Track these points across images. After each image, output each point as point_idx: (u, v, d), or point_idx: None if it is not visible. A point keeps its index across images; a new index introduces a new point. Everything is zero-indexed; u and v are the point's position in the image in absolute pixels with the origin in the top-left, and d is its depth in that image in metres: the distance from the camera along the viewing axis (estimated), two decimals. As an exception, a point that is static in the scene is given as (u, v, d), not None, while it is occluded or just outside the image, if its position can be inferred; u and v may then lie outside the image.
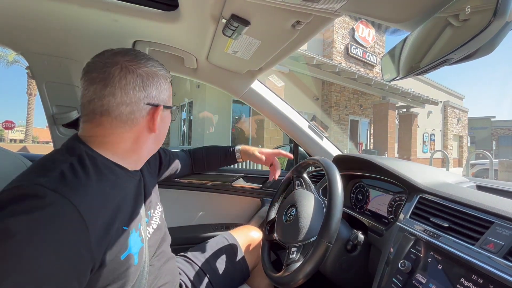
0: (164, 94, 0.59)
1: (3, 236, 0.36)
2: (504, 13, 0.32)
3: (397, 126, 10.83)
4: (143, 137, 0.57)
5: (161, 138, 0.64)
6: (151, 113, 0.56)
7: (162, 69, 0.59)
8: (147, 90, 0.55)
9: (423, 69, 0.48)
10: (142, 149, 0.59)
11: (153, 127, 0.57)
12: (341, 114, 10.05)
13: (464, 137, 15.56)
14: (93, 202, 0.45)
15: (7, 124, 16.82)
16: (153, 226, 0.66)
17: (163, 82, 0.59)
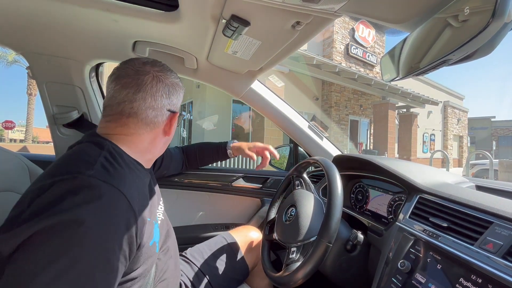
0: (179, 102, 0.67)
1: (74, 224, 0.40)
2: (502, 14, 0.33)
3: (397, 126, 10.83)
4: (158, 139, 0.63)
5: (169, 141, 0.69)
6: (170, 119, 0.63)
7: (180, 81, 0.67)
8: (171, 98, 0.62)
9: (422, 70, 0.48)
10: (156, 150, 0.65)
11: (169, 131, 0.64)
12: (341, 114, 10.05)
13: (464, 137, 15.56)
14: (133, 191, 0.50)
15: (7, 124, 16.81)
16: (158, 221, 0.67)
17: (181, 92, 0.67)
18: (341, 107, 10.02)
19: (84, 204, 0.41)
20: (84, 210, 0.41)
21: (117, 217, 0.44)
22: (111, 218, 0.43)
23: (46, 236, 0.38)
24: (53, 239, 0.38)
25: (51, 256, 0.38)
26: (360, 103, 10.76)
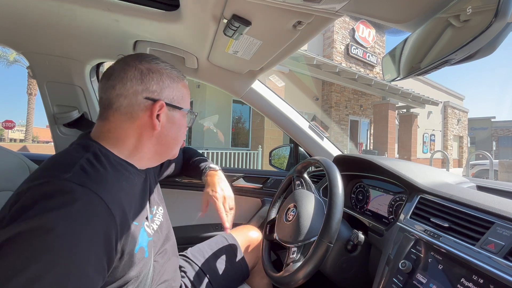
0: (169, 92, 0.60)
1: (42, 232, 0.38)
2: (505, 14, 0.33)
3: (397, 127, 10.83)
4: (146, 135, 0.59)
5: (169, 141, 0.63)
6: (152, 109, 0.57)
7: (170, 69, 0.62)
8: (145, 84, 0.57)
9: (424, 70, 0.48)
10: (145, 147, 0.60)
11: (153, 122, 0.57)
12: (341, 114, 10.04)
13: (464, 137, 15.56)
14: (115, 195, 0.48)
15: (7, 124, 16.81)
16: (156, 223, 0.68)
17: (169, 80, 0.61)
18: (341, 107, 10.01)
19: (55, 209, 0.39)
20: (54, 216, 0.39)
21: (93, 224, 0.42)
22: (85, 224, 0.41)
23: (15, 243, 0.37)
24: (23, 246, 0.37)
25: (20, 264, 0.36)
26: (360, 103, 10.75)
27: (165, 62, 0.62)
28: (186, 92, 0.66)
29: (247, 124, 9.11)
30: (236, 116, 9.04)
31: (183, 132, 0.67)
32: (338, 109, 9.92)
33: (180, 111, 0.63)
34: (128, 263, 0.50)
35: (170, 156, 0.67)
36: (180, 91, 0.64)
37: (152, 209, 0.68)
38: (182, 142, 0.69)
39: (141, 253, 0.54)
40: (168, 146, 0.64)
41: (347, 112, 10.25)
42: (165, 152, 0.65)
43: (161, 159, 0.66)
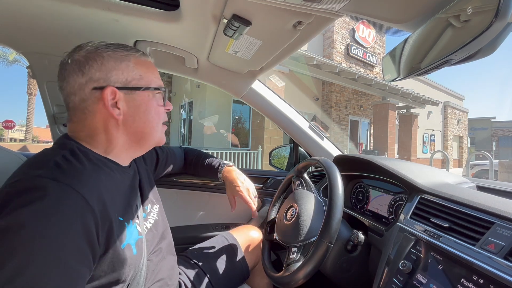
0: (118, 75, 0.56)
1: (15, 228, 0.38)
2: (505, 14, 0.32)
3: (397, 127, 10.83)
4: (111, 127, 0.56)
5: (140, 126, 0.59)
6: (102, 98, 0.54)
7: (114, 49, 0.57)
8: (86, 74, 0.54)
9: (424, 70, 0.48)
10: (116, 140, 0.57)
11: (110, 112, 0.54)
12: (341, 115, 10.04)
13: (464, 137, 15.56)
14: (93, 187, 0.47)
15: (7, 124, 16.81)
16: (150, 222, 0.67)
17: (113, 62, 0.55)
18: (341, 107, 10.01)
19: (27, 206, 0.39)
20: (26, 212, 0.39)
21: (67, 216, 0.42)
22: (59, 217, 0.41)
23: None
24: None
25: None
26: (360, 104, 10.75)
27: (106, 43, 0.57)
28: (144, 69, 0.60)
29: (247, 124, 9.11)
30: (236, 116, 9.04)
31: (157, 113, 0.62)
32: (338, 109, 9.92)
33: (140, 92, 0.58)
34: (114, 259, 0.49)
35: (152, 143, 0.64)
36: (134, 69, 0.58)
37: (145, 208, 0.68)
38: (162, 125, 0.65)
39: (128, 250, 0.52)
40: (141, 132, 0.60)
41: (347, 112, 10.25)
42: (141, 139, 0.61)
43: (141, 148, 0.63)
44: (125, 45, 0.60)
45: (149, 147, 0.65)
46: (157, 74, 0.64)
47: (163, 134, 0.66)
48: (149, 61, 0.63)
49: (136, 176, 0.67)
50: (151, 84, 0.60)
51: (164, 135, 0.67)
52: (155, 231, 0.68)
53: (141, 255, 0.57)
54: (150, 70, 0.62)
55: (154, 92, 0.61)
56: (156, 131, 0.62)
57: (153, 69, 0.63)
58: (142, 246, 0.58)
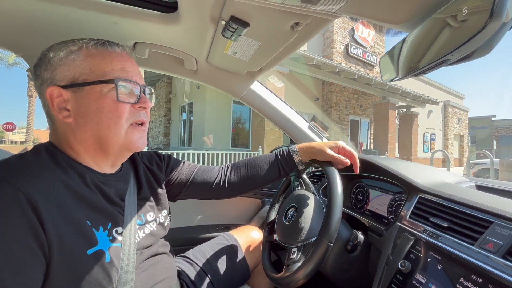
0: (64, 72, 0.51)
1: None
2: (500, 14, 0.33)
3: (397, 126, 10.82)
4: (68, 132, 0.53)
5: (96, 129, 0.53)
6: (48, 95, 0.51)
7: (65, 44, 0.53)
8: (40, 76, 0.52)
9: (421, 70, 0.48)
10: (77, 146, 0.54)
11: (57, 115, 0.51)
12: (341, 114, 10.05)
13: (464, 136, 15.55)
14: (44, 184, 0.46)
15: (8, 126, 16.84)
16: (145, 231, 0.64)
17: (60, 58, 0.51)
18: (341, 107, 10.02)
19: None
20: None
21: (5, 212, 0.41)
22: None
23: None
24: None
25: None
26: (360, 103, 10.76)
27: (64, 41, 0.54)
28: (97, 60, 0.52)
29: (247, 124, 9.12)
30: (236, 117, 9.06)
31: (115, 111, 0.53)
32: (338, 109, 9.93)
33: (89, 87, 0.51)
34: (80, 265, 0.47)
35: (118, 148, 0.57)
36: (84, 63, 0.51)
37: (141, 216, 0.65)
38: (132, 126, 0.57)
39: (97, 257, 0.49)
40: (97, 136, 0.54)
41: (347, 112, 10.26)
42: (102, 144, 0.55)
43: (108, 154, 0.57)
44: (81, 39, 0.54)
45: (117, 153, 0.58)
46: (118, 64, 0.55)
47: (134, 137, 0.58)
48: (109, 50, 0.55)
49: (125, 185, 0.64)
50: (104, 77, 0.52)
51: (138, 139, 0.58)
52: (150, 240, 0.65)
53: (119, 263, 0.53)
54: (106, 60, 0.53)
55: (109, 86, 0.52)
56: (115, 133, 0.54)
57: (111, 59, 0.54)
58: (119, 254, 0.54)
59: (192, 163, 0.89)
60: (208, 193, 0.85)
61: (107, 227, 0.54)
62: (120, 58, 0.56)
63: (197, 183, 0.83)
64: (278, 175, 0.84)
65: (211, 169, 0.88)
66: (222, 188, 0.84)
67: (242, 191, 0.86)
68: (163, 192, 0.75)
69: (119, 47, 0.57)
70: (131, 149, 0.59)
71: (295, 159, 0.82)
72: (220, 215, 1.32)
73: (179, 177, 0.82)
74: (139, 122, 0.59)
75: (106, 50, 0.55)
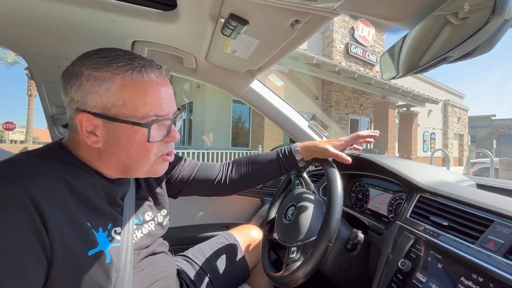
0: (96, 99, 0.49)
1: None
2: (502, 10, 0.32)
3: (397, 125, 10.82)
4: (92, 150, 0.53)
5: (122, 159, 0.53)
6: (79, 119, 0.50)
7: (101, 65, 0.49)
8: (69, 92, 0.50)
9: (422, 67, 0.48)
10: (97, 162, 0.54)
11: (84, 135, 0.50)
12: (341, 114, 10.05)
13: (464, 136, 15.55)
14: (48, 185, 0.46)
15: (7, 125, 16.85)
16: (143, 231, 0.64)
17: (92, 82, 0.49)
18: (341, 106, 10.01)
19: None
20: None
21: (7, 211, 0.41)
22: None
23: None
24: None
25: None
26: (360, 102, 10.75)
27: (100, 55, 0.50)
28: (131, 92, 0.50)
29: (247, 124, 9.12)
30: (236, 116, 9.05)
31: (145, 149, 0.53)
32: (338, 108, 9.92)
33: (119, 123, 0.50)
34: (82, 266, 0.47)
35: (141, 175, 0.58)
36: (117, 93, 0.49)
37: (139, 215, 0.65)
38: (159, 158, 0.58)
39: (98, 257, 0.49)
40: (123, 164, 0.55)
41: (347, 111, 10.26)
42: (127, 171, 0.56)
43: (128, 176, 0.59)
44: (119, 58, 0.51)
45: (140, 176, 0.59)
46: (153, 98, 0.52)
47: (160, 168, 0.59)
48: (145, 80, 0.51)
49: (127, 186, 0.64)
50: (135, 112, 0.50)
51: (163, 168, 0.60)
52: (148, 240, 0.65)
53: (118, 263, 0.54)
54: (140, 93, 0.50)
55: (138, 126, 0.50)
56: (142, 165, 0.56)
57: (146, 90, 0.51)
58: (119, 254, 0.54)
59: (194, 160, 0.89)
60: (209, 190, 0.85)
61: (107, 227, 0.54)
62: (155, 89, 0.52)
63: (199, 180, 0.83)
64: (279, 173, 0.84)
65: (212, 166, 0.87)
66: (224, 185, 0.84)
67: (243, 188, 0.87)
68: (162, 192, 0.75)
69: (155, 73, 0.53)
70: (153, 176, 0.61)
71: (297, 158, 0.82)
72: (219, 214, 1.32)
73: (180, 175, 0.82)
74: (165, 154, 0.59)
75: (143, 79, 0.51)
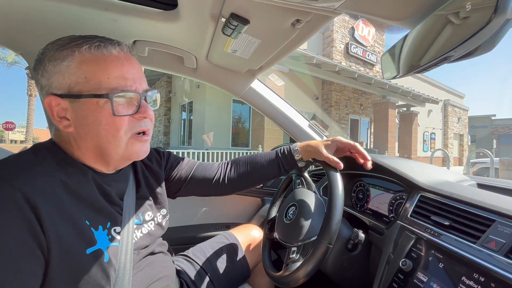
0: (59, 80, 0.49)
1: None
2: (504, 10, 0.32)
3: (397, 125, 10.82)
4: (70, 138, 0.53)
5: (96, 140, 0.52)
6: (46, 104, 0.50)
7: (59, 47, 0.50)
8: (38, 82, 0.52)
9: (423, 67, 0.48)
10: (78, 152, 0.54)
11: (56, 119, 0.51)
12: (342, 113, 10.04)
13: (464, 135, 15.55)
14: (42, 183, 0.46)
15: (7, 125, 16.85)
16: (142, 231, 0.64)
17: (54, 64, 0.48)
18: (341, 106, 10.01)
19: None
20: None
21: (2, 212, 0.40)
22: None
23: None
24: None
25: None
26: (360, 102, 10.75)
27: (62, 37, 0.52)
28: (92, 68, 0.49)
29: (247, 123, 9.11)
30: (236, 116, 9.05)
31: (112, 124, 0.51)
32: (338, 108, 9.92)
33: (84, 100, 0.49)
34: (80, 264, 0.47)
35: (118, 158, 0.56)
36: (78, 70, 0.49)
37: (139, 215, 0.65)
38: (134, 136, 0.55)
39: (96, 256, 0.49)
40: (97, 147, 0.53)
41: (347, 111, 10.25)
42: (102, 155, 0.54)
43: (109, 163, 0.57)
44: (79, 38, 0.51)
45: (117, 162, 0.57)
46: (115, 71, 0.51)
47: (135, 149, 0.57)
48: (105, 54, 0.51)
49: (125, 184, 0.64)
50: (99, 87, 0.49)
51: (140, 149, 0.57)
52: (148, 240, 0.65)
53: (117, 263, 0.53)
54: (101, 67, 0.50)
55: (104, 100, 0.49)
56: (115, 145, 0.53)
57: (107, 64, 0.50)
58: (117, 254, 0.54)
59: (192, 159, 0.89)
60: (208, 190, 0.84)
61: (107, 226, 0.54)
62: (117, 63, 0.52)
63: (197, 180, 0.83)
64: (278, 173, 0.84)
65: (210, 165, 0.87)
66: (222, 184, 0.83)
67: (242, 187, 0.86)
68: (162, 191, 0.75)
69: (115, 48, 0.53)
70: (132, 159, 0.60)
71: (296, 158, 0.82)
72: (220, 214, 1.32)
73: (179, 174, 0.82)
74: (140, 131, 0.57)
75: (102, 54, 0.50)
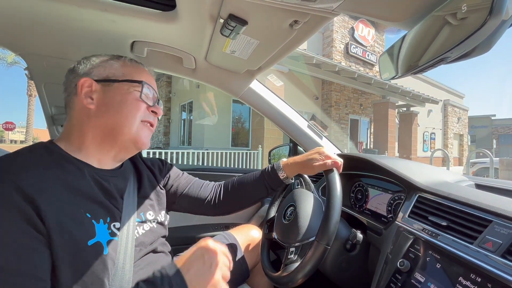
0: (101, 71, 0.61)
1: None
2: (499, 11, 0.32)
3: (397, 125, 10.82)
4: (85, 119, 0.59)
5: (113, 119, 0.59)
6: (80, 83, 0.59)
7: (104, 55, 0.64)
8: (75, 70, 0.61)
9: (421, 68, 0.48)
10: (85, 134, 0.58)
11: (82, 101, 0.58)
12: (341, 113, 10.04)
13: (464, 135, 15.55)
14: (39, 179, 0.47)
15: (7, 125, 16.85)
16: (144, 228, 0.65)
17: (101, 60, 0.62)
18: (341, 106, 10.01)
19: None
20: None
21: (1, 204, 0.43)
22: None
23: None
24: None
25: None
26: (360, 102, 10.75)
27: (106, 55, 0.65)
28: (129, 69, 0.63)
29: (247, 124, 9.12)
30: (236, 116, 9.05)
31: (135, 106, 0.61)
32: (338, 108, 9.92)
33: (117, 84, 0.60)
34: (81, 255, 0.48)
35: (127, 138, 0.60)
36: (119, 69, 0.63)
37: (141, 214, 0.66)
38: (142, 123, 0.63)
39: (96, 248, 0.51)
40: (112, 123, 0.59)
41: (347, 111, 10.25)
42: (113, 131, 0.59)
43: (114, 142, 0.60)
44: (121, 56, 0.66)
45: (123, 144, 0.62)
46: (146, 78, 0.65)
47: (143, 134, 0.63)
48: (141, 67, 0.67)
49: (127, 181, 0.65)
50: (133, 78, 0.62)
51: (145, 137, 0.64)
52: (149, 238, 0.66)
53: (116, 257, 0.55)
54: (137, 71, 0.65)
55: (135, 87, 0.62)
56: (131, 124, 0.60)
57: (140, 71, 0.66)
58: (117, 248, 0.55)
59: (190, 175, 0.89)
60: (199, 209, 0.86)
61: (107, 220, 0.56)
62: (148, 75, 0.67)
63: (191, 197, 0.84)
64: (266, 193, 0.83)
65: (206, 184, 0.89)
66: (214, 206, 0.85)
67: (232, 211, 0.88)
68: (162, 195, 0.77)
69: (144, 67, 0.69)
70: (137, 143, 0.63)
71: (281, 176, 0.80)
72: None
73: (175, 186, 0.83)
74: (149, 121, 0.66)
75: (138, 66, 0.66)
